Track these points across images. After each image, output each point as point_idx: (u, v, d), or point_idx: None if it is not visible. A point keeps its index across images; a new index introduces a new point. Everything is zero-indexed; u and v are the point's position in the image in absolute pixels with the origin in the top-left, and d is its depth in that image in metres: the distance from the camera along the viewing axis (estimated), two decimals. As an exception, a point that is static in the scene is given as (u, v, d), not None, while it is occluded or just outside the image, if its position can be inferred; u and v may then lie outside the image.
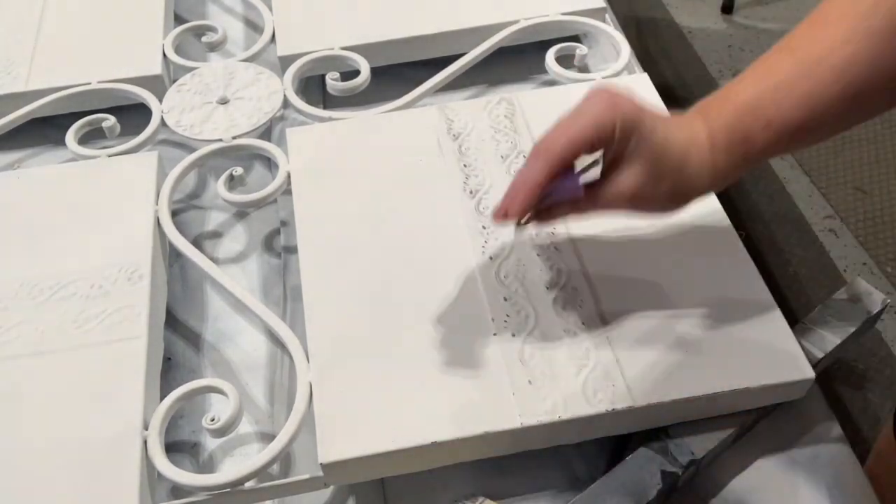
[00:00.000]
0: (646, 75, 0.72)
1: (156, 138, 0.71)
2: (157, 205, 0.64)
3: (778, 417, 0.55)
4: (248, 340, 0.62)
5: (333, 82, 0.73)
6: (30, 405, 0.52)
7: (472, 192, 0.62)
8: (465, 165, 0.64)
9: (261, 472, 0.49)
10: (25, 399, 0.53)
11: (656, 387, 0.50)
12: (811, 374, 0.51)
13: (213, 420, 0.51)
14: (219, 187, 0.65)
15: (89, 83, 0.74)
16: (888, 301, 0.56)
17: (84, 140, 0.71)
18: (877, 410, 1.30)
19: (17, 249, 0.61)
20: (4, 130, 0.73)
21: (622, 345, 0.52)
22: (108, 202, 0.64)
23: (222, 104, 0.73)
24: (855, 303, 0.56)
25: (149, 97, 0.73)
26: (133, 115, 0.73)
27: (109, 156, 0.68)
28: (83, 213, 0.63)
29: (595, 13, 0.79)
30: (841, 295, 0.57)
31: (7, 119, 0.72)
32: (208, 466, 0.55)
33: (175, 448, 0.56)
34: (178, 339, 0.62)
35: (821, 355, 0.54)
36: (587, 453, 0.53)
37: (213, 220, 0.71)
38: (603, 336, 0.53)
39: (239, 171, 0.66)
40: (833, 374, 1.34)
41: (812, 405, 0.55)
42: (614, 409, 0.49)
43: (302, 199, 0.63)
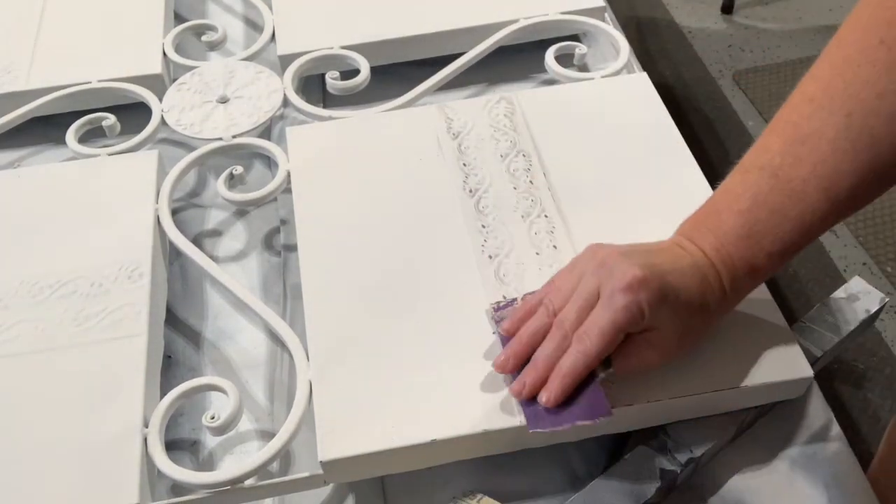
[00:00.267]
0: (645, 75, 0.72)
1: (156, 137, 0.71)
2: (158, 203, 0.64)
3: (777, 416, 0.55)
4: (248, 338, 0.62)
5: (333, 81, 0.73)
6: (30, 403, 0.52)
7: (471, 190, 0.62)
8: (465, 164, 0.64)
9: (261, 470, 0.50)
10: (26, 397, 0.53)
11: (655, 385, 0.50)
12: (810, 372, 0.51)
13: (213, 418, 0.51)
14: (219, 186, 0.65)
15: (89, 82, 0.74)
16: (886, 300, 0.56)
17: (84, 139, 0.71)
18: (876, 410, 1.30)
19: (17, 248, 0.61)
20: (5, 129, 0.73)
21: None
22: (108, 201, 0.64)
23: (222, 103, 0.73)
24: (853, 302, 0.56)
25: (149, 96, 0.73)
26: (133, 114, 0.73)
27: (110, 154, 0.68)
28: (83, 211, 0.63)
29: (595, 12, 0.79)
30: (840, 294, 0.57)
31: (7, 118, 0.73)
32: (208, 464, 0.55)
33: (175, 446, 0.56)
34: (179, 338, 0.62)
35: (819, 354, 0.54)
36: (586, 451, 0.54)
37: (213, 218, 0.71)
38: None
39: (239, 169, 0.67)
40: (833, 373, 1.34)
41: (811, 404, 0.56)
42: (613, 408, 0.49)
43: (302, 197, 0.63)
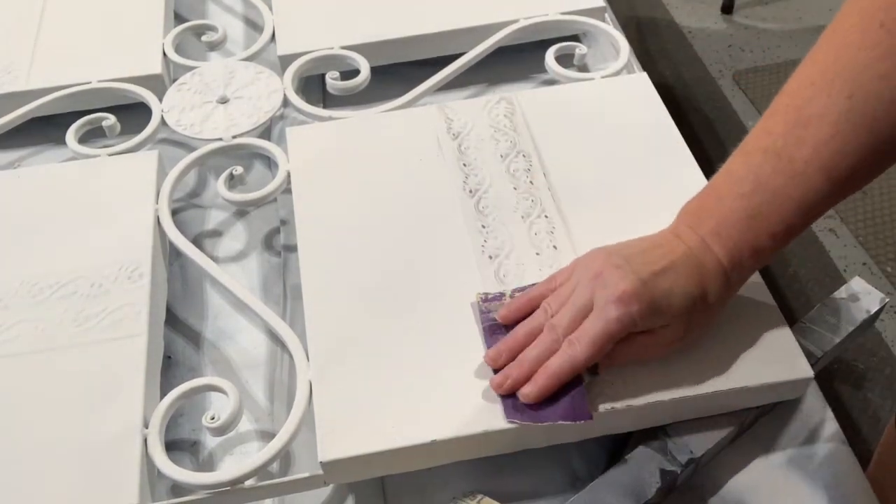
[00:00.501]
0: (645, 75, 0.72)
1: (156, 137, 0.71)
2: (158, 204, 0.64)
3: (777, 416, 0.55)
4: (248, 339, 0.62)
5: (333, 81, 0.73)
6: (30, 403, 0.52)
7: (471, 191, 0.62)
8: (465, 165, 0.64)
9: (261, 471, 0.50)
10: (26, 397, 0.53)
11: (655, 386, 0.50)
12: (810, 372, 0.51)
13: (213, 418, 0.51)
14: (219, 186, 0.65)
15: (89, 82, 0.74)
16: (887, 300, 0.56)
17: (84, 139, 0.71)
18: (876, 410, 1.30)
19: (17, 248, 0.61)
20: (5, 129, 0.73)
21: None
22: (108, 201, 0.64)
23: (222, 103, 0.73)
24: (853, 302, 0.56)
25: (149, 96, 0.73)
26: (133, 114, 0.73)
27: (110, 155, 0.68)
28: (83, 211, 0.63)
29: (595, 12, 0.79)
30: (840, 294, 0.57)
31: (7, 118, 0.73)
32: (208, 465, 0.55)
33: (175, 446, 0.56)
34: (179, 338, 0.62)
35: (820, 354, 0.54)
36: (587, 452, 0.54)
37: (213, 218, 0.71)
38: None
39: (239, 170, 0.67)
40: (833, 373, 1.34)
41: (811, 404, 0.56)
42: (613, 408, 0.49)
43: (302, 197, 0.63)
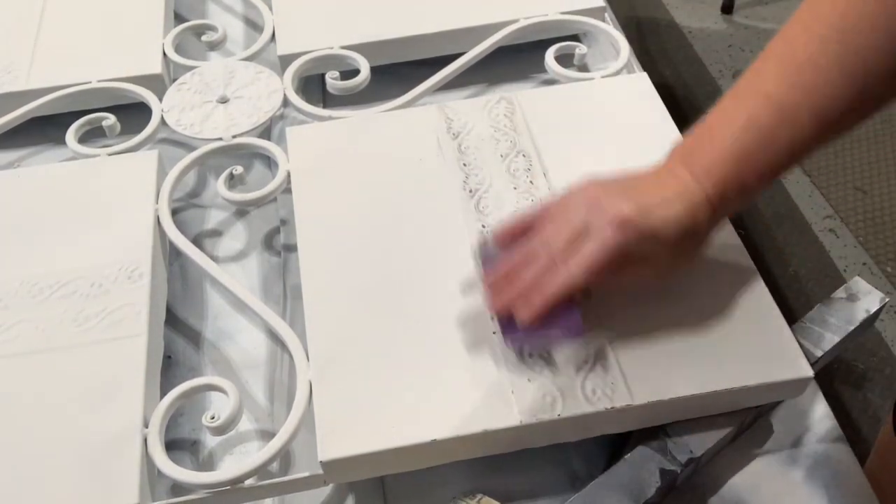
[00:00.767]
0: (645, 74, 0.72)
1: (156, 137, 0.71)
2: (158, 203, 0.64)
3: (777, 416, 0.55)
4: (248, 339, 0.62)
5: (333, 81, 0.73)
6: (30, 403, 0.52)
7: (471, 191, 0.62)
8: (465, 164, 0.64)
9: (260, 470, 0.50)
10: (26, 397, 0.53)
11: (655, 385, 0.50)
12: (810, 372, 0.51)
13: (213, 418, 0.51)
14: (219, 186, 0.65)
15: (89, 82, 0.74)
16: (886, 300, 0.56)
17: (84, 139, 0.71)
18: (876, 410, 1.30)
19: (17, 248, 0.61)
20: (5, 129, 0.73)
21: (621, 343, 0.52)
22: (108, 201, 0.64)
23: (222, 103, 0.73)
24: (853, 301, 0.56)
25: (149, 96, 0.73)
26: (133, 114, 0.73)
27: (109, 154, 0.68)
28: (83, 211, 0.63)
29: (595, 12, 0.79)
30: (840, 294, 0.57)
31: (7, 118, 0.73)
32: (208, 464, 0.55)
33: (175, 446, 0.56)
34: (179, 338, 0.62)
35: (819, 354, 0.54)
36: (586, 452, 0.54)
37: (213, 218, 0.71)
38: (602, 334, 0.53)
39: (239, 169, 0.67)
40: (833, 373, 1.34)
41: (811, 404, 0.56)
42: (613, 408, 0.49)
43: (302, 197, 0.63)
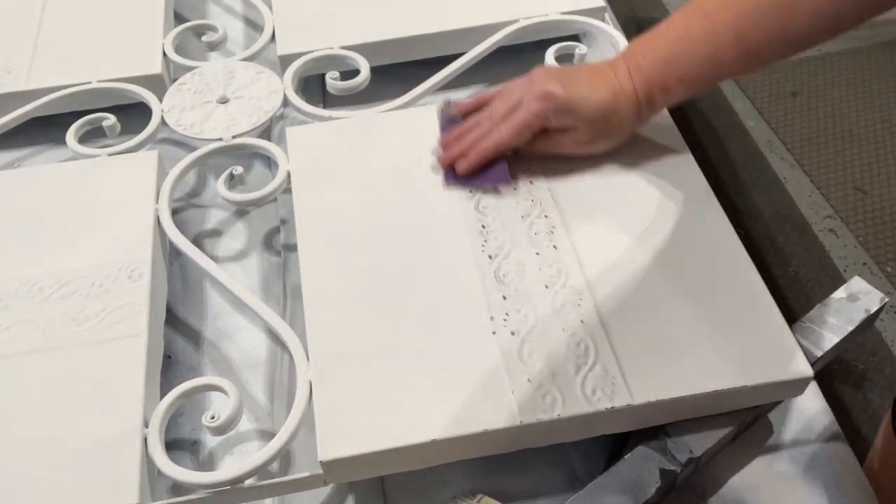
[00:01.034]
0: (645, 75, 0.72)
1: (156, 137, 0.71)
2: (158, 203, 0.64)
3: (777, 416, 0.55)
4: (248, 338, 0.62)
5: (333, 81, 0.73)
6: (30, 403, 0.52)
7: (471, 190, 0.62)
8: (465, 164, 0.64)
9: (261, 470, 0.50)
10: (26, 397, 0.53)
11: (655, 385, 0.50)
12: (809, 372, 0.51)
13: (213, 418, 0.51)
14: (219, 186, 0.65)
15: (89, 82, 0.74)
16: (886, 300, 0.56)
17: (84, 139, 0.71)
18: (876, 410, 1.30)
19: (17, 248, 0.61)
20: (5, 129, 0.73)
21: (621, 343, 0.52)
22: (108, 201, 0.64)
23: (222, 103, 0.73)
24: (853, 301, 0.56)
25: (149, 96, 0.73)
26: (133, 114, 0.73)
27: (110, 155, 0.68)
28: (83, 211, 0.63)
29: (595, 12, 0.79)
30: (839, 294, 0.57)
31: (7, 118, 0.73)
32: (208, 464, 0.55)
33: (175, 446, 0.56)
34: (179, 337, 0.62)
35: (819, 354, 0.54)
36: (586, 452, 0.54)
37: (213, 218, 0.71)
38: (602, 334, 0.53)
39: (239, 169, 0.67)
40: (832, 373, 1.34)
41: (811, 404, 0.56)
42: (613, 408, 0.49)
43: (302, 197, 0.63)
